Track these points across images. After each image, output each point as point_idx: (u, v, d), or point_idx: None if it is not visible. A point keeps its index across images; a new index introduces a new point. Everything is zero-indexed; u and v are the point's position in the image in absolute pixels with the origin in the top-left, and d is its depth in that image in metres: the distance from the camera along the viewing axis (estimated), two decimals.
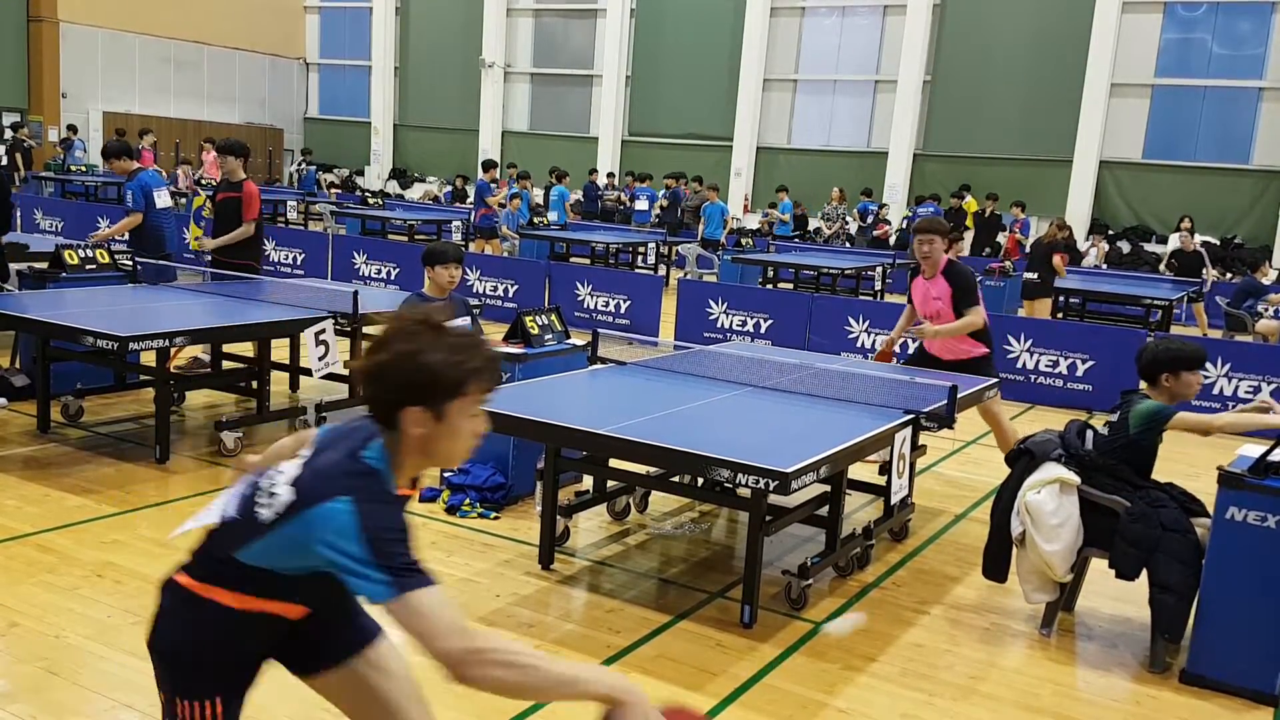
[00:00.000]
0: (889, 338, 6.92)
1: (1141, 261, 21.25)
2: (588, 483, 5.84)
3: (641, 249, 17.26)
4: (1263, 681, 4.12)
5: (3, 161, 21.68)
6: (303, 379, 7.90)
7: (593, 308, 12.55)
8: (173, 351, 6.94)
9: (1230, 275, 19.28)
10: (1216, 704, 4.11)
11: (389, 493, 2.05)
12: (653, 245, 17.20)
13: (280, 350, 7.42)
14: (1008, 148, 23.17)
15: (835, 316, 10.87)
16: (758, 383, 5.70)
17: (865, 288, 15.60)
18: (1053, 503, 4.44)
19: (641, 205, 20.91)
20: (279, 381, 7.60)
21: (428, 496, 5.85)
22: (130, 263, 8.16)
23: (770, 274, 15.65)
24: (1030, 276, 12.94)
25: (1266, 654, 4.10)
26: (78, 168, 22.13)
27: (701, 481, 5.41)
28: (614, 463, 5.29)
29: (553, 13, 28.70)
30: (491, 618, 4.47)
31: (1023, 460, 4.71)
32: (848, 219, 21.99)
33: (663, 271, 16.94)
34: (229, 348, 7.74)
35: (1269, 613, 4.05)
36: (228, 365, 7.76)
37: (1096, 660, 4.49)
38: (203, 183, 19.71)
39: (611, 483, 5.54)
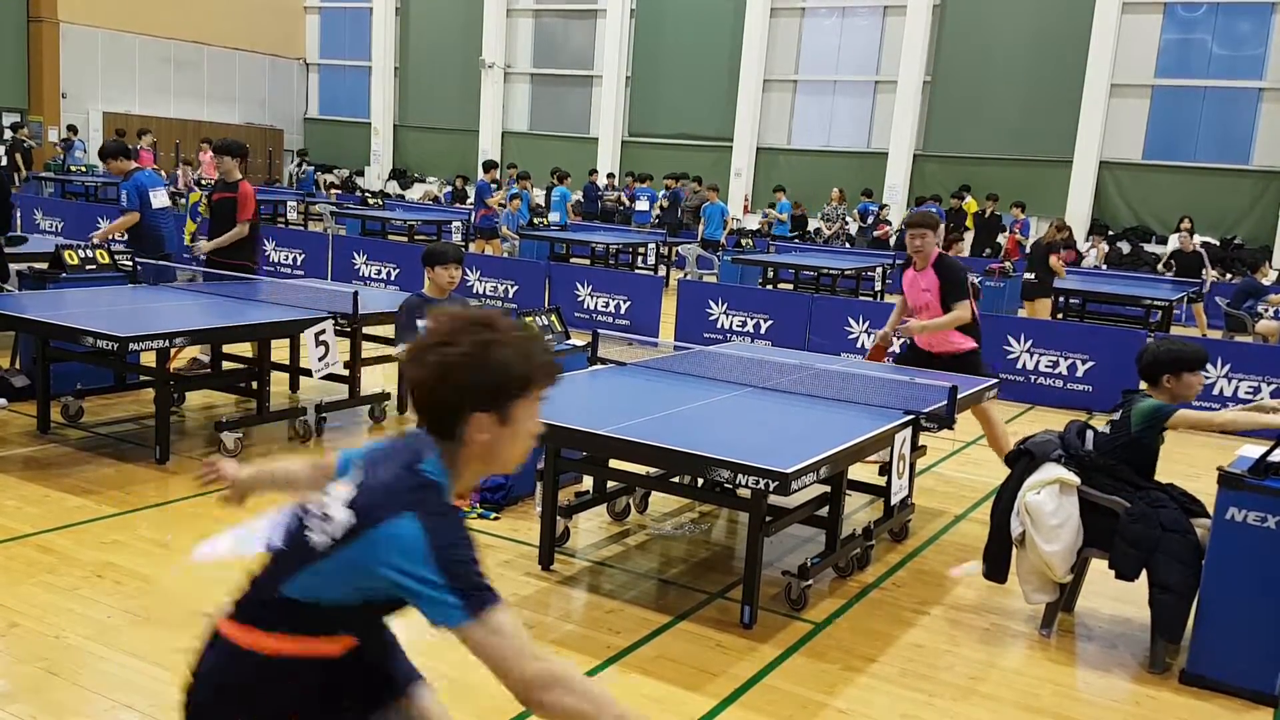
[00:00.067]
0: (882, 332, 6.92)
1: (1141, 262, 21.25)
2: (588, 483, 5.83)
3: (641, 249, 17.27)
4: (1262, 682, 4.12)
5: (3, 162, 21.67)
6: (303, 379, 7.89)
7: (593, 308, 12.55)
8: (172, 352, 6.94)
9: (1230, 276, 19.27)
10: (1216, 704, 4.11)
11: (451, 506, 1.93)
12: (653, 246, 17.21)
13: (280, 351, 7.41)
14: (1008, 148, 23.16)
15: (835, 317, 10.87)
16: (758, 383, 5.70)
17: (865, 288, 15.62)
18: (1052, 503, 4.44)
19: (641, 206, 20.91)
20: (279, 382, 7.59)
21: None
22: (130, 263, 8.16)
23: (770, 274, 15.65)
24: (1028, 277, 12.95)
25: (1266, 654, 4.11)
26: (78, 168, 22.15)
27: (701, 482, 5.41)
28: (614, 463, 5.28)
29: (553, 13, 28.71)
30: None
31: (1023, 461, 4.71)
32: (848, 219, 22.00)
33: (663, 272, 16.95)
34: (229, 348, 7.74)
35: (1269, 613, 4.05)
36: (228, 366, 7.76)
37: (1096, 660, 4.49)
38: (202, 183, 19.70)
39: (611, 483, 5.54)
